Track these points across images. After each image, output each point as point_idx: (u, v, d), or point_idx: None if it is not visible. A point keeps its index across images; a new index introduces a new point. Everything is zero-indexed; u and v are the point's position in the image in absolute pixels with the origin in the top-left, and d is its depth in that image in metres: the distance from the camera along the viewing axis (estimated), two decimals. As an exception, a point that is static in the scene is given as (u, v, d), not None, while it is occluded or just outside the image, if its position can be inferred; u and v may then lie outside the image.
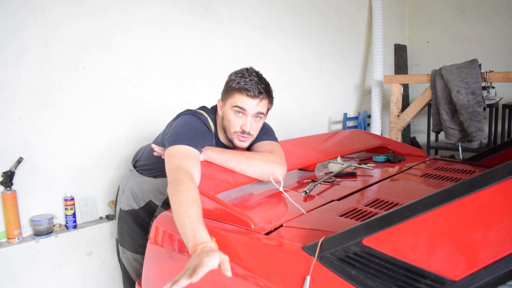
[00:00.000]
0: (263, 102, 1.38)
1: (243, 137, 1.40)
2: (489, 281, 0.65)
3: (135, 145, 2.22)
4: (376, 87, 3.79)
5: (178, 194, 1.05)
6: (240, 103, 1.35)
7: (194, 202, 1.03)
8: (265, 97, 1.38)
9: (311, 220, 1.12)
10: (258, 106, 1.37)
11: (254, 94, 1.34)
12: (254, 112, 1.37)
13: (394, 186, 1.52)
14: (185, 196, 1.04)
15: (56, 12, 1.94)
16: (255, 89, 1.34)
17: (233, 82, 1.37)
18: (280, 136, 1.64)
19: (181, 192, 1.05)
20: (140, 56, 2.28)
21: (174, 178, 1.11)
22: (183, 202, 1.02)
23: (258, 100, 1.36)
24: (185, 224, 0.98)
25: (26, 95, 1.87)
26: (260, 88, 1.35)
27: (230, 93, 1.38)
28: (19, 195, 1.87)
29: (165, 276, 1.19)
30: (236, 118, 1.38)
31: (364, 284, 0.77)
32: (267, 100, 1.40)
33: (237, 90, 1.35)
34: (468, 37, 4.27)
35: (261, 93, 1.35)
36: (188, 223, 0.97)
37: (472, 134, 2.77)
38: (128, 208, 1.65)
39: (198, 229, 0.96)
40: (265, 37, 3.04)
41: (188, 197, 1.04)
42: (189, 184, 1.08)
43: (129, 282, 1.68)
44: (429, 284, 0.70)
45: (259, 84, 1.36)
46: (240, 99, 1.35)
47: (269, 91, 1.40)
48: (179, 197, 1.04)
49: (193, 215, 0.99)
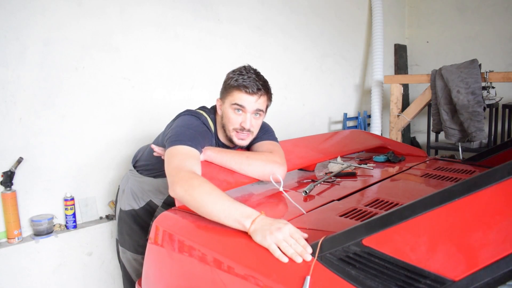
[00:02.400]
0: (262, 98, 1.38)
1: (243, 134, 1.40)
2: (489, 281, 0.65)
3: (135, 145, 2.22)
4: (376, 87, 3.79)
5: (196, 188, 1.07)
6: (239, 100, 1.35)
7: (216, 190, 1.07)
8: (263, 93, 1.38)
9: (311, 220, 1.12)
10: (257, 103, 1.37)
11: (253, 91, 1.34)
12: (253, 109, 1.37)
13: (394, 186, 1.52)
14: (208, 186, 1.07)
15: (56, 12, 1.94)
16: (253, 86, 1.34)
17: (231, 80, 1.37)
18: (280, 136, 1.64)
19: (200, 185, 1.07)
20: (140, 56, 2.28)
21: (179, 178, 1.11)
22: (212, 191, 1.06)
23: (257, 96, 1.36)
24: (228, 206, 1.02)
25: (26, 95, 1.87)
26: (259, 85, 1.35)
27: (229, 91, 1.38)
28: (19, 195, 1.87)
29: (165, 276, 1.19)
30: (235, 116, 1.38)
31: (364, 284, 0.77)
32: (266, 97, 1.41)
33: (235, 87, 1.35)
34: (468, 37, 4.27)
35: (260, 89, 1.36)
36: (231, 205, 1.02)
37: (472, 134, 2.77)
38: (128, 208, 1.65)
39: (243, 206, 1.02)
40: (265, 37, 3.04)
41: (213, 187, 1.07)
42: (199, 178, 1.11)
43: (129, 282, 1.68)
44: (429, 284, 0.70)
45: (257, 81, 1.36)
46: (239, 96, 1.35)
47: (267, 87, 1.41)
48: (203, 188, 1.06)
49: (229, 198, 1.04)
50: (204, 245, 1.04)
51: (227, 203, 1.02)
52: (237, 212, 0.99)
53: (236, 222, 1.00)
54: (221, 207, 1.02)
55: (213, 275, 1.01)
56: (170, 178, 1.14)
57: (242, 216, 0.99)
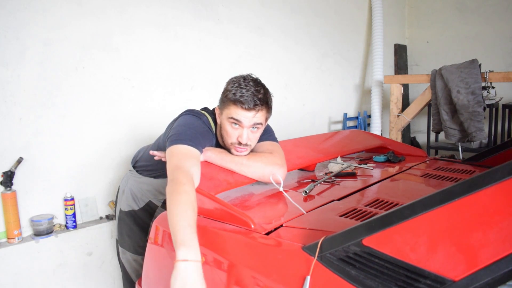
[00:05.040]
0: (260, 113, 1.34)
1: (240, 148, 1.37)
2: (489, 281, 0.65)
3: (135, 145, 2.22)
4: (376, 87, 3.79)
5: (175, 195, 1.04)
6: (236, 115, 1.32)
7: (190, 206, 1.02)
8: (261, 108, 1.33)
9: (311, 220, 1.12)
10: (255, 118, 1.33)
11: (249, 107, 1.30)
12: (250, 124, 1.33)
13: (394, 186, 1.52)
14: (182, 198, 1.03)
15: (56, 12, 1.94)
16: (250, 102, 1.30)
17: (229, 92, 1.33)
18: (280, 136, 1.64)
19: (178, 193, 1.05)
20: (140, 56, 2.28)
21: (173, 177, 1.11)
22: (180, 204, 1.02)
23: (254, 112, 1.32)
24: (178, 227, 0.97)
25: (26, 95, 1.87)
26: (256, 100, 1.31)
27: (226, 104, 1.34)
28: (19, 195, 1.87)
29: (165, 276, 1.19)
30: (232, 130, 1.35)
31: (364, 284, 0.77)
32: (265, 111, 1.36)
33: (232, 101, 1.31)
34: (468, 37, 4.27)
35: (257, 105, 1.31)
36: (184, 228, 0.96)
37: (472, 134, 2.77)
38: (127, 208, 1.65)
39: (192, 238, 0.96)
40: (265, 37, 3.04)
41: (186, 201, 1.03)
42: (187, 186, 1.07)
43: (129, 282, 1.68)
44: (429, 284, 0.70)
45: (255, 95, 1.31)
46: (235, 111, 1.32)
47: (266, 100, 1.35)
48: (177, 198, 1.03)
49: (188, 220, 0.99)
50: (204, 245, 1.04)
51: (181, 223, 0.98)
52: (180, 237, 0.95)
53: (174, 244, 0.95)
54: (177, 223, 0.98)
55: (213, 275, 1.01)
56: (168, 176, 1.14)
57: (180, 244, 0.94)
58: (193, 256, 0.93)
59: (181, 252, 0.93)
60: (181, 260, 0.92)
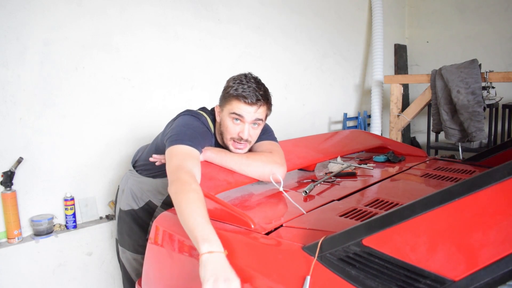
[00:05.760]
0: (261, 108, 1.36)
1: (239, 144, 1.38)
2: (489, 281, 0.65)
3: (135, 145, 2.22)
4: (376, 87, 3.79)
5: (185, 193, 1.05)
6: (238, 110, 1.33)
7: (202, 203, 1.04)
8: (263, 103, 1.36)
9: (311, 220, 1.12)
10: (256, 113, 1.35)
11: (252, 101, 1.32)
12: (252, 119, 1.35)
13: (394, 186, 1.52)
14: (193, 196, 1.04)
15: (56, 12, 1.94)
16: (252, 96, 1.32)
17: (231, 88, 1.35)
18: (280, 136, 1.64)
19: (187, 192, 1.05)
20: (140, 56, 2.28)
21: (177, 177, 1.11)
22: (192, 202, 1.03)
23: (256, 107, 1.34)
24: (196, 224, 0.98)
25: (26, 95, 1.87)
26: (258, 95, 1.33)
27: (228, 99, 1.36)
28: (19, 195, 1.87)
29: (165, 276, 1.19)
30: (233, 125, 1.36)
31: (364, 284, 0.77)
32: (265, 107, 1.38)
33: (234, 97, 1.33)
34: (468, 37, 4.27)
35: (259, 100, 1.33)
36: (200, 224, 0.98)
37: (472, 134, 2.77)
38: (127, 208, 1.65)
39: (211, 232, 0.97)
40: (265, 37, 3.04)
41: (197, 198, 1.04)
42: (195, 185, 1.09)
43: (129, 282, 1.68)
44: (429, 284, 0.70)
45: (257, 91, 1.34)
46: (237, 106, 1.33)
47: (267, 97, 1.38)
48: (188, 197, 1.04)
49: (204, 217, 1.00)
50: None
51: (199, 219, 0.98)
52: (200, 233, 0.95)
53: (194, 241, 0.96)
54: (194, 220, 0.98)
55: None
56: (170, 177, 1.14)
57: (202, 239, 0.94)
58: (217, 248, 0.94)
59: (205, 246, 0.93)
60: (207, 252, 0.92)
